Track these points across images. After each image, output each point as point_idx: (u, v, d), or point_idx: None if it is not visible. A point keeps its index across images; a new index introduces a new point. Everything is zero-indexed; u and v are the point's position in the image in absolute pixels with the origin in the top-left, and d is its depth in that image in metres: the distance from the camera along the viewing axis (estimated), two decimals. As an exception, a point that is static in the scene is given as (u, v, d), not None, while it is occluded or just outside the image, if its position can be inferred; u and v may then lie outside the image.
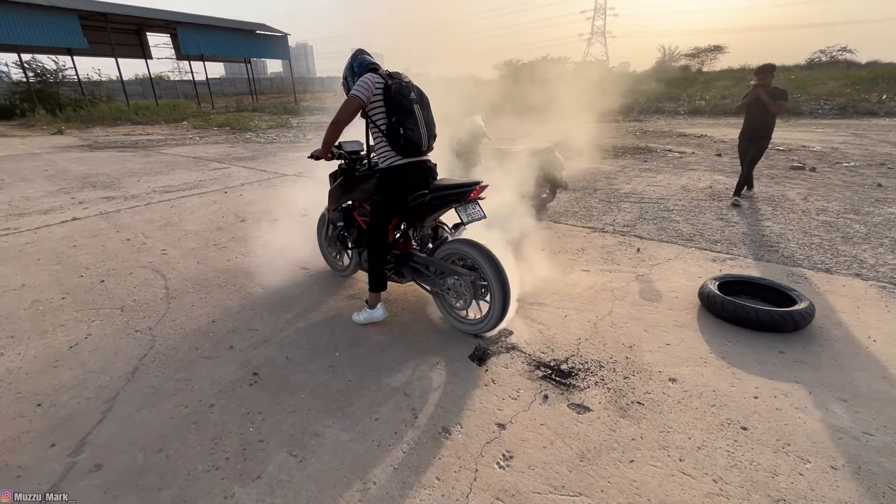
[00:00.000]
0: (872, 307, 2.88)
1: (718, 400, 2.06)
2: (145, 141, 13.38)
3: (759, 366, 2.31)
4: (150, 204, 5.90)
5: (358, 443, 1.85)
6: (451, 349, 2.50)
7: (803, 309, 2.58)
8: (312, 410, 2.04)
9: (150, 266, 3.76)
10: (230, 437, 1.88)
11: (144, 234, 4.63)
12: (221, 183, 7.21)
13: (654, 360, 2.37)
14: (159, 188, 6.87)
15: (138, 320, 2.87)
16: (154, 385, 2.23)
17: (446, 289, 2.61)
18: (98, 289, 3.33)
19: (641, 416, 1.97)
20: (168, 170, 8.48)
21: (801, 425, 1.90)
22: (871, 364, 2.30)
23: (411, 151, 2.50)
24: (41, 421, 1.99)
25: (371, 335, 2.66)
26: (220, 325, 2.79)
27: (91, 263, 3.82)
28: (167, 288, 3.34)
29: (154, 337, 2.67)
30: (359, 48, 2.70)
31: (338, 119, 2.48)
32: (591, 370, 2.30)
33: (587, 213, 5.12)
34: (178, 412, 2.04)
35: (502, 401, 2.09)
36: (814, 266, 3.53)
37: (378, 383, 2.22)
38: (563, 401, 2.08)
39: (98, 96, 23.71)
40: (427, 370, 2.32)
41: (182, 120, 20.36)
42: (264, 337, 2.66)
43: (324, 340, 2.61)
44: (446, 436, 1.88)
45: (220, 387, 2.21)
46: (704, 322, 2.75)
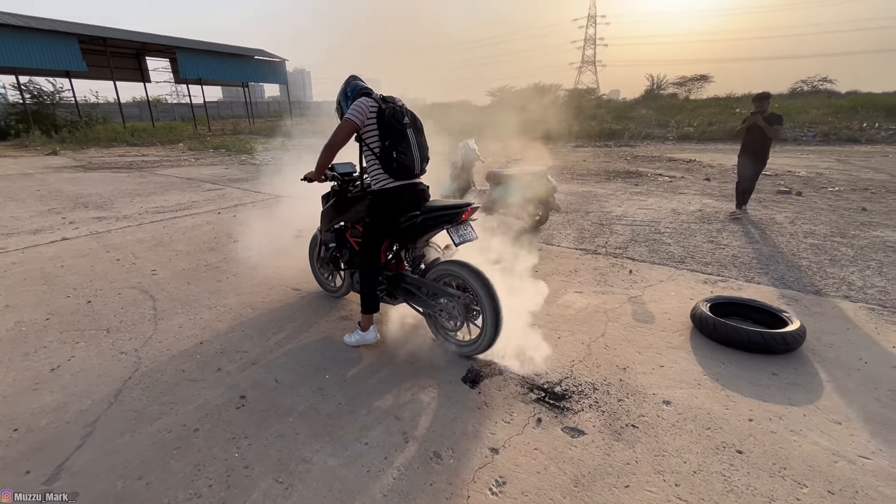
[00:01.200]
0: (862, 329, 2.90)
1: (713, 423, 2.03)
2: (140, 162, 13.39)
3: (753, 388, 2.29)
4: (141, 224, 5.86)
5: (347, 468, 1.79)
6: (443, 371, 2.47)
7: (795, 330, 2.59)
8: (300, 435, 1.98)
9: (138, 287, 3.71)
10: (214, 463, 1.82)
11: (134, 254, 4.58)
12: (215, 204, 7.20)
13: (647, 383, 2.35)
14: (152, 209, 6.84)
15: (124, 342, 2.81)
16: (137, 409, 2.17)
17: (438, 310, 2.59)
18: (84, 309, 3.27)
19: (636, 440, 1.93)
20: (161, 190, 8.46)
21: (796, 448, 1.87)
22: (863, 386, 2.30)
23: (404, 174, 2.52)
24: (16, 447, 1.91)
25: (362, 357, 2.62)
26: (208, 347, 2.74)
27: (78, 284, 3.77)
28: (155, 309, 3.28)
29: (140, 359, 2.61)
30: (352, 74, 2.75)
31: (332, 142, 2.50)
32: (584, 392, 2.27)
33: (580, 235, 5.16)
34: (161, 437, 1.97)
35: (495, 424, 2.05)
36: (803, 288, 3.56)
37: (369, 406, 2.18)
38: (556, 424, 2.04)
39: (94, 118, 23.83)
40: (419, 392, 2.28)
41: (178, 142, 20.46)
42: (253, 359, 2.61)
43: (314, 362, 2.57)
44: (438, 461, 1.83)
45: (206, 410, 2.15)
46: (697, 344, 2.74)
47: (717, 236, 5.02)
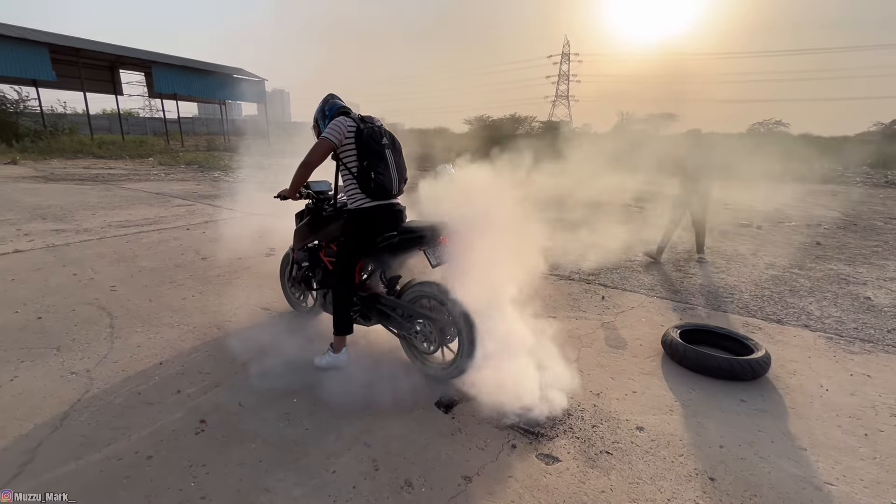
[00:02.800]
0: (822, 357, 3.01)
1: (686, 449, 2.04)
2: (106, 175, 12.92)
3: (723, 414, 2.33)
4: (103, 238, 5.60)
5: (312, 499, 1.70)
6: (416, 395, 2.40)
7: (761, 358, 2.66)
8: (263, 462, 1.87)
9: (95, 303, 3.51)
10: (167, 494, 1.69)
11: (94, 269, 4.35)
12: (184, 220, 6.98)
13: (621, 409, 2.35)
14: (116, 223, 6.56)
15: (75, 361, 2.63)
16: (85, 434, 2.01)
17: (414, 332, 2.54)
18: (33, 326, 3.06)
19: (611, 467, 1.91)
20: (127, 204, 8.16)
21: (766, 475, 1.89)
22: (825, 413, 2.37)
23: (381, 194, 2.51)
24: (-57, 476, 1.73)
25: (333, 380, 2.52)
26: (167, 368, 2.59)
27: (29, 299, 3.53)
28: (112, 326, 3.10)
29: (91, 380, 2.44)
30: (330, 93, 2.75)
31: (308, 161, 2.47)
32: (558, 418, 2.25)
33: (554, 262, 5.23)
34: (110, 465, 1.83)
35: (469, 451, 1.99)
36: (766, 317, 3.69)
37: (338, 432, 2.09)
38: (531, 451, 2.00)
39: (60, 128, 22.99)
40: (391, 418, 2.21)
41: (149, 156, 19.91)
42: (216, 381, 2.48)
43: (281, 385, 2.45)
44: (409, 490, 1.76)
45: (162, 436, 2.01)
46: (668, 369, 2.78)
47: (684, 266, 5.18)
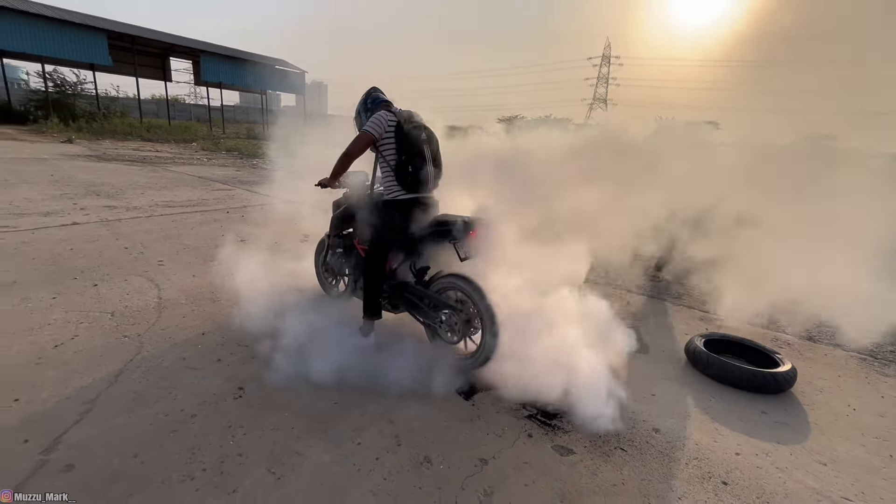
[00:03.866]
0: (853, 377, 2.94)
1: (701, 453, 2.07)
2: (153, 157, 13.59)
3: (742, 423, 2.33)
4: (151, 216, 5.95)
5: (338, 465, 1.82)
6: (439, 382, 2.49)
7: (786, 372, 2.63)
8: (295, 430, 2.02)
9: (145, 275, 3.77)
10: (209, 449, 1.85)
11: (143, 244, 4.65)
12: (224, 203, 7.31)
13: (639, 410, 2.39)
14: (162, 202, 6.94)
15: (127, 326, 2.85)
16: (136, 390, 2.20)
17: (439, 322, 2.64)
18: (90, 292, 3.32)
19: (624, 463, 1.96)
20: (173, 186, 8.59)
21: (781, 485, 1.90)
22: (851, 431, 2.33)
23: (417, 187, 2.61)
24: (17, 416, 1.95)
25: (360, 362, 2.65)
26: (209, 338, 2.78)
27: (86, 267, 3.82)
28: (160, 297, 3.33)
29: (142, 343, 2.65)
30: (373, 86, 2.87)
31: (349, 151, 2.60)
32: (576, 415, 2.30)
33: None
34: (159, 419, 2.01)
35: (486, 436, 2.08)
36: (797, 333, 3.61)
37: (364, 408, 2.21)
38: (547, 441, 2.07)
39: (113, 111, 24.26)
40: (413, 400, 2.32)
41: (192, 141, 20.77)
42: (253, 353, 2.64)
43: (312, 363, 2.59)
44: (428, 466, 1.86)
45: (204, 398, 2.18)
46: (690, 377, 2.78)
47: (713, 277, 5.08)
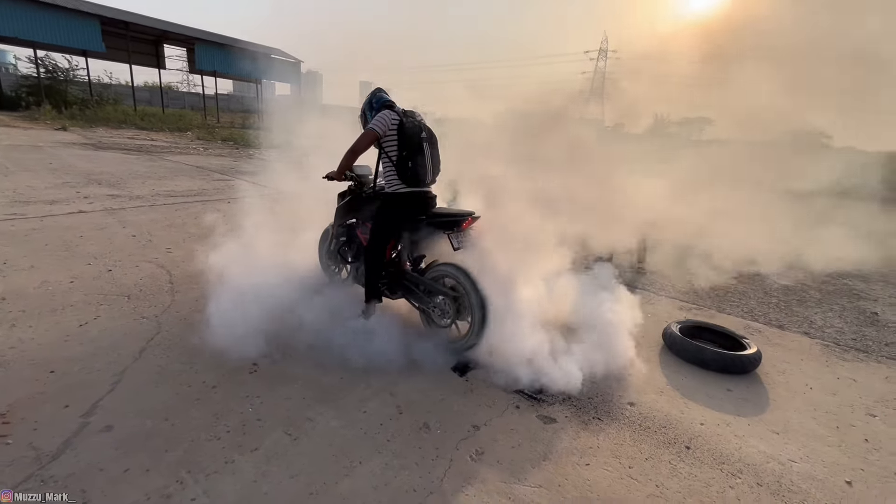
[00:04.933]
0: (814, 361, 3.21)
1: (669, 423, 2.32)
2: (149, 146, 13.63)
3: (708, 399, 2.59)
4: (154, 206, 6.10)
5: (347, 429, 2.05)
6: (435, 361, 2.73)
7: (752, 354, 2.90)
8: (307, 399, 2.24)
9: (155, 262, 3.96)
10: (231, 415, 2.07)
11: (150, 232, 4.83)
12: (224, 193, 7.46)
13: (616, 387, 2.64)
14: (163, 192, 7.08)
15: (144, 308, 3.05)
16: (160, 365, 2.41)
17: (433, 307, 2.86)
18: (105, 277, 3.51)
19: (600, 430, 2.21)
20: (172, 175, 8.72)
21: (736, 450, 2.16)
22: (804, 406, 2.60)
23: (416, 182, 2.82)
24: (54, 385, 2.16)
25: (362, 342, 2.87)
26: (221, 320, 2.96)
27: (98, 254, 4.00)
28: (172, 282, 3.53)
29: (160, 324, 2.86)
30: (378, 87, 3.07)
31: (355, 148, 2.81)
32: (559, 390, 2.55)
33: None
34: (183, 390, 2.22)
35: (478, 407, 2.32)
36: (769, 322, 3.89)
37: (367, 382, 2.44)
38: (532, 412, 2.32)
39: (106, 98, 24.10)
40: (412, 376, 2.55)
41: (186, 130, 20.72)
42: (263, 334, 2.85)
43: (320, 343, 2.81)
44: (426, 430, 2.10)
45: (223, 372, 2.40)
46: (666, 359, 3.04)
47: (694, 269, 5.35)
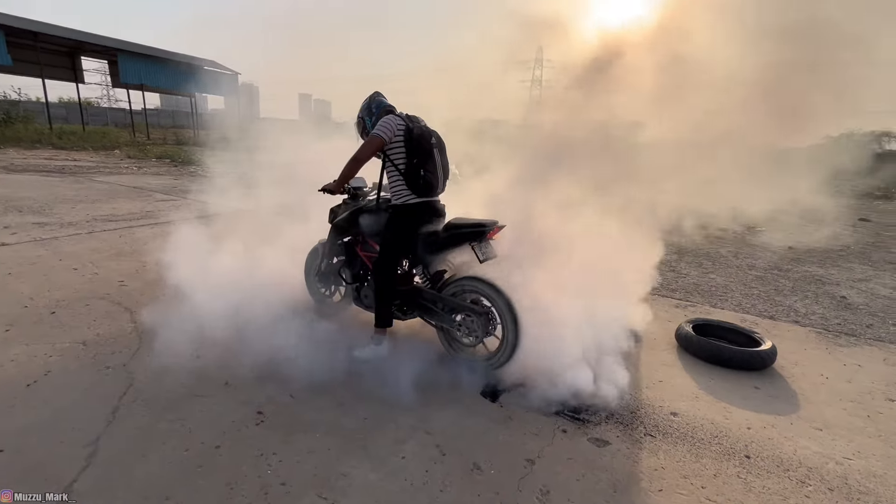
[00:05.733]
0: (815, 349, 3.29)
1: (718, 431, 2.22)
2: (72, 167, 12.28)
3: (743, 400, 2.53)
4: (92, 233, 5.38)
5: (389, 482, 1.76)
6: (460, 385, 2.49)
7: (770, 350, 2.90)
8: (332, 450, 1.92)
9: (107, 298, 3.41)
10: (246, 481, 1.71)
11: (93, 263, 4.20)
12: (174, 214, 6.77)
13: (652, 396, 2.52)
14: (100, 217, 6.30)
15: (107, 356, 2.57)
16: (142, 426, 1.99)
17: (457, 325, 2.62)
18: (49, 321, 2.95)
19: (657, 448, 2.07)
20: (107, 198, 7.82)
21: (792, 453, 2.09)
22: (830, 398, 2.61)
23: (427, 192, 2.59)
24: (7, 469, 1.69)
25: (375, 371, 2.57)
26: (207, 362, 2.56)
27: (34, 293, 3.39)
28: (134, 321, 3.03)
29: (130, 374, 2.40)
30: (376, 91, 2.81)
31: (358, 156, 2.53)
32: (599, 406, 2.38)
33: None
34: (179, 455, 1.83)
35: (524, 436, 2.10)
36: (760, 313, 3.98)
37: (395, 421, 2.15)
38: (581, 435, 2.13)
39: (14, 116, 21.65)
40: (442, 407, 2.29)
41: (114, 148, 19.02)
42: (260, 374, 2.48)
43: (326, 376, 2.48)
44: (478, 472, 1.85)
45: (223, 427, 2.02)
46: (685, 361, 2.98)
47: (675, 266, 5.47)
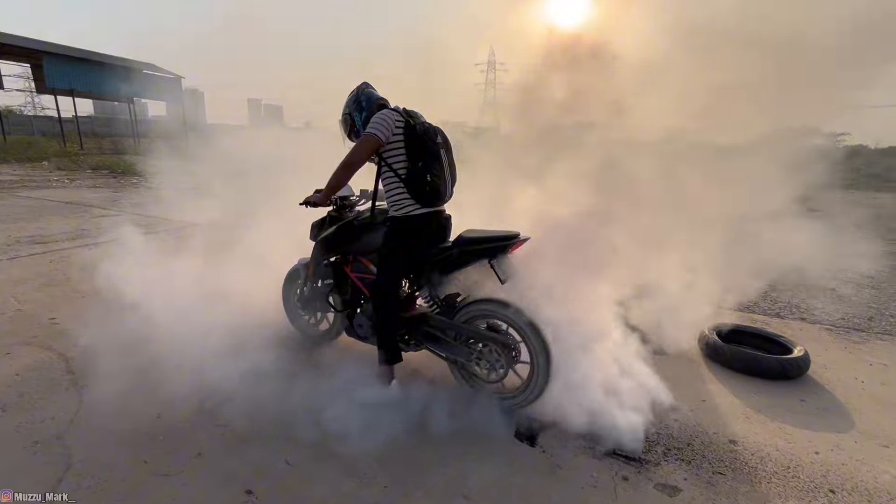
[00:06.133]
0: (835, 349, 3.15)
1: (790, 462, 1.95)
2: (-8, 181, 10.90)
3: (793, 416, 2.30)
4: (16, 258, 4.58)
5: (436, 581, 1.35)
6: (488, 429, 2.10)
7: (804, 356, 2.71)
8: (353, 538, 1.49)
9: (35, 342, 2.77)
10: None
11: (16, 297, 3.49)
12: (114, 232, 5.91)
13: (702, 420, 2.24)
14: (25, 238, 5.43)
15: (35, 425, 1.99)
16: (89, 530, 1.48)
17: (475, 357, 2.23)
18: (-46, 380, 2.31)
19: (735, 491, 1.77)
20: (33, 216, 6.85)
21: (873, 480, 1.86)
22: (877, 406, 2.43)
23: (434, 201, 2.20)
24: None
25: (385, 418, 2.12)
26: (170, 423, 2.04)
27: (-65, 342, 2.70)
28: (72, 372, 2.44)
29: (67, 448, 1.85)
30: (364, 81, 2.39)
31: (351, 161, 2.10)
32: (649, 439, 2.07)
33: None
34: (145, 573, 1.34)
35: (581, 489, 1.75)
36: (766, 312, 3.85)
37: (424, 486, 1.74)
38: (645, 482, 1.81)
39: (-82, 127, 19.23)
40: (475, 460, 1.90)
41: (41, 160, 17.24)
42: (242, 434, 1.99)
43: (326, 431, 2.02)
44: (543, 551, 1.47)
45: (202, 519, 1.54)
46: (716, 372, 2.74)
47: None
